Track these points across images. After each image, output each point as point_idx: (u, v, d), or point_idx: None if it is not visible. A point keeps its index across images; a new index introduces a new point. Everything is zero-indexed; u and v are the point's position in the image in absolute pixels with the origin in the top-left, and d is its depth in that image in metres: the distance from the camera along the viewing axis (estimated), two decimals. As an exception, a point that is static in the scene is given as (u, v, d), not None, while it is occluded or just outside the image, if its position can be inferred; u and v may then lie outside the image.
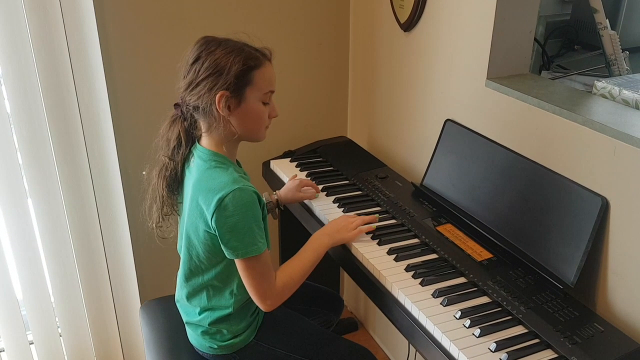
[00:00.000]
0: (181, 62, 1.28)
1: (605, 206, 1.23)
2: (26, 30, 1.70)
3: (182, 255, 1.39)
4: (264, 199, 1.32)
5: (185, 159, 1.34)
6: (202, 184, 1.27)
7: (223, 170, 1.27)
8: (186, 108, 1.28)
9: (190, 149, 1.33)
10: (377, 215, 1.52)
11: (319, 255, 1.40)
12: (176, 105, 1.31)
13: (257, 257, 1.26)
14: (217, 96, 1.22)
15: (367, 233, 1.50)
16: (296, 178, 1.72)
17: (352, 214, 1.60)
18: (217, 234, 1.25)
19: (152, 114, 1.36)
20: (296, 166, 1.92)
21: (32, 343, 2.07)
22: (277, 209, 1.68)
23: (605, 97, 1.48)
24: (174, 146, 1.32)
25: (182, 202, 1.38)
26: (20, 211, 1.88)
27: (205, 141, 1.32)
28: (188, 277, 1.39)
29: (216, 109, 1.24)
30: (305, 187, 1.69)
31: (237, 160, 1.39)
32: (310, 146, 2.07)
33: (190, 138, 1.33)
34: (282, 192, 1.68)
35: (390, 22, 1.88)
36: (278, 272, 1.34)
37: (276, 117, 1.34)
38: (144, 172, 1.40)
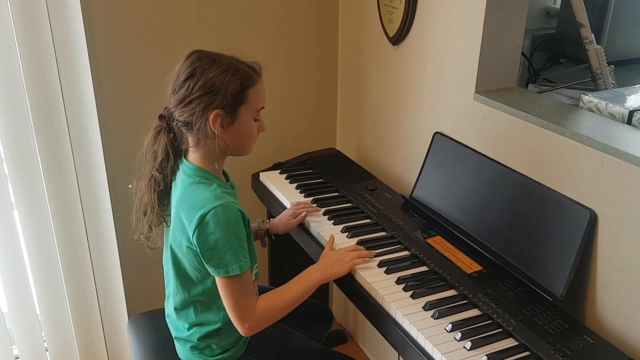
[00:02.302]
0: (171, 75, 1.27)
1: (593, 219, 1.24)
2: (14, 42, 1.69)
3: (170, 270, 1.38)
4: (248, 215, 1.30)
5: (173, 172, 1.33)
6: (184, 200, 1.26)
7: (206, 186, 1.26)
8: (175, 122, 1.27)
9: (177, 162, 1.32)
10: (373, 251, 1.47)
11: (308, 289, 1.36)
12: (161, 117, 1.30)
13: (238, 276, 1.24)
14: (212, 115, 1.22)
15: (358, 245, 1.50)
16: (290, 207, 1.68)
17: (340, 227, 1.60)
18: (198, 251, 1.24)
19: (141, 127, 1.35)
20: (285, 178, 1.91)
21: (18, 358, 2.04)
22: (266, 238, 1.67)
23: (592, 111, 1.50)
24: (162, 159, 1.31)
25: (169, 215, 1.37)
26: (6, 222, 1.85)
27: (191, 156, 1.31)
28: (175, 292, 1.38)
29: (210, 127, 1.23)
30: (299, 212, 1.65)
31: (224, 172, 1.39)
32: (300, 158, 2.07)
33: (176, 150, 1.32)
34: (274, 222, 1.66)
35: (379, 35, 1.90)
36: (262, 296, 1.32)
37: (264, 131, 1.34)
38: (130, 186, 1.39)
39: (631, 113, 1.41)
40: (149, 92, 1.31)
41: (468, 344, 1.17)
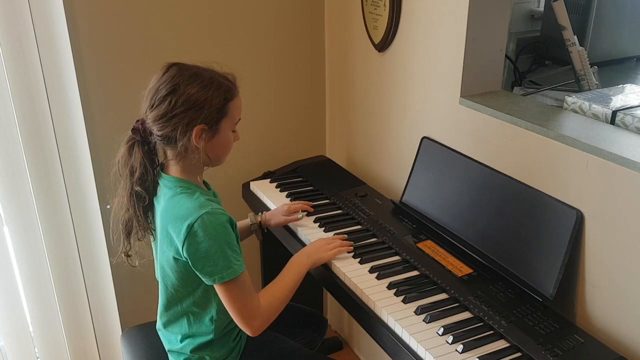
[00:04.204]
0: (147, 89, 1.26)
1: (580, 219, 1.26)
2: (0, 58, 1.69)
3: (161, 283, 1.38)
4: (238, 220, 1.31)
5: (154, 186, 1.32)
6: (169, 212, 1.26)
7: (189, 196, 1.26)
8: (153, 137, 1.26)
9: (156, 176, 1.32)
10: (352, 244, 1.53)
11: (300, 275, 1.40)
12: (134, 129, 1.28)
13: (234, 279, 1.24)
14: (195, 130, 1.22)
15: (348, 251, 1.51)
16: (285, 204, 1.70)
17: (331, 233, 1.60)
18: (189, 261, 1.24)
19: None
20: (276, 187, 1.92)
21: (11, 375, 2.03)
22: (259, 231, 1.68)
23: (576, 112, 1.51)
24: (141, 173, 1.29)
25: (155, 230, 1.37)
26: (-4, 240, 1.85)
27: (171, 169, 1.31)
28: (167, 306, 1.38)
29: (193, 141, 1.23)
30: (293, 212, 1.68)
31: (204, 182, 1.39)
32: (290, 166, 2.07)
33: (153, 162, 1.31)
34: (267, 215, 1.68)
35: (364, 42, 1.91)
36: (261, 293, 1.34)
37: (238, 140, 1.35)
38: (108, 206, 1.37)
39: (614, 113, 1.43)
40: (137, 107, 1.31)
41: (460, 347, 1.18)
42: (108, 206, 1.38)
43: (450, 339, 1.20)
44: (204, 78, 1.24)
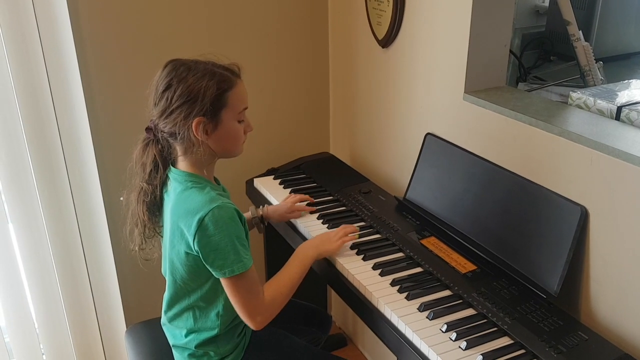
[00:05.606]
0: (150, 88, 1.27)
1: (584, 215, 1.25)
2: (4, 55, 1.69)
3: (167, 279, 1.38)
4: (244, 215, 1.31)
5: (163, 183, 1.33)
6: (180, 207, 1.27)
7: (199, 190, 1.27)
8: (161, 134, 1.27)
9: (166, 172, 1.33)
10: (357, 227, 1.54)
11: (306, 268, 1.40)
12: (148, 129, 1.30)
13: (243, 273, 1.25)
14: (194, 123, 1.22)
15: (352, 248, 1.51)
16: (288, 199, 1.71)
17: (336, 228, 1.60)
18: (200, 255, 1.24)
19: (134, 138, 1.35)
20: (279, 183, 1.92)
21: (16, 371, 2.04)
22: (261, 224, 1.68)
23: (581, 108, 1.50)
24: (150, 170, 1.31)
25: (163, 225, 1.37)
26: (1, 236, 1.85)
27: (181, 164, 1.31)
28: (173, 300, 1.38)
29: (193, 134, 1.24)
30: (298, 205, 1.68)
31: (215, 178, 1.39)
32: (293, 163, 2.07)
33: (165, 161, 1.32)
34: (270, 209, 1.68)
35: (368, 38, 1.90)
36: (265, 287, 1.33)
37: (251, 131, 1.34)
38: (121, 198, 1.39)
39: (619, 109, 1.42)
40: (141, 104, 1.32)
41: (463, 344, 1.18)
42: (121, 198, 1.39)
43: (453, 335, 1.20)
44: (197, 70, 1.23)
